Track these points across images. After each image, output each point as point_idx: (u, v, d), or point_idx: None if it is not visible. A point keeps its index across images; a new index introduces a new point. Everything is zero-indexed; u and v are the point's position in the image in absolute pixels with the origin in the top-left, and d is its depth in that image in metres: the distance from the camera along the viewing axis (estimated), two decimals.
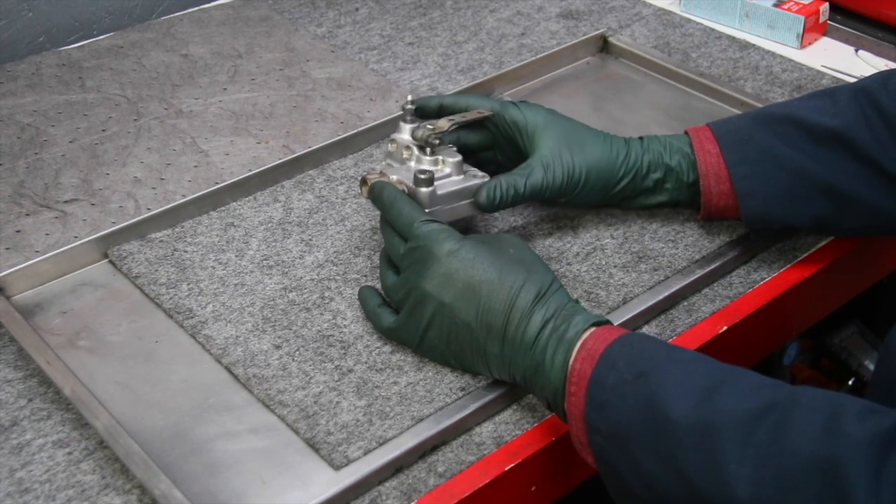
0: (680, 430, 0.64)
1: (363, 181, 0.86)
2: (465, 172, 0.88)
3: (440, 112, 0.92)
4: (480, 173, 0.89)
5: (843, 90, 0.89)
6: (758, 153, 0.88)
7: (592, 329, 0.73)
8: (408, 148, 0.88)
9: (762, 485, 0.60)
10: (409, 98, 0.91)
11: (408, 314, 0.79)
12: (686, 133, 0.92)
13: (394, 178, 0.85)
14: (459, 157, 0.88)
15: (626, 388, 0.68)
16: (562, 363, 0.72)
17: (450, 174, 0.87)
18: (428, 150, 0.87)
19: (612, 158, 0.90)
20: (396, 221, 0.81)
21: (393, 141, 0.89)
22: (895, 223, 0.88)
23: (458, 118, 0.89)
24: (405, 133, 0.88)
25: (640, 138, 0.92)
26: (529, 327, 0.74)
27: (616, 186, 0.91)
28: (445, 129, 0.87)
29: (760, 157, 0.88)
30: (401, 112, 0.91)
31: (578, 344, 0.72)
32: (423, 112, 0.92)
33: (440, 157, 0.87)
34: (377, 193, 0.84)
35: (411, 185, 0.85)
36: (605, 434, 0.69)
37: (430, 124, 0.87)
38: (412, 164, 0.87)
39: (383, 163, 0.89)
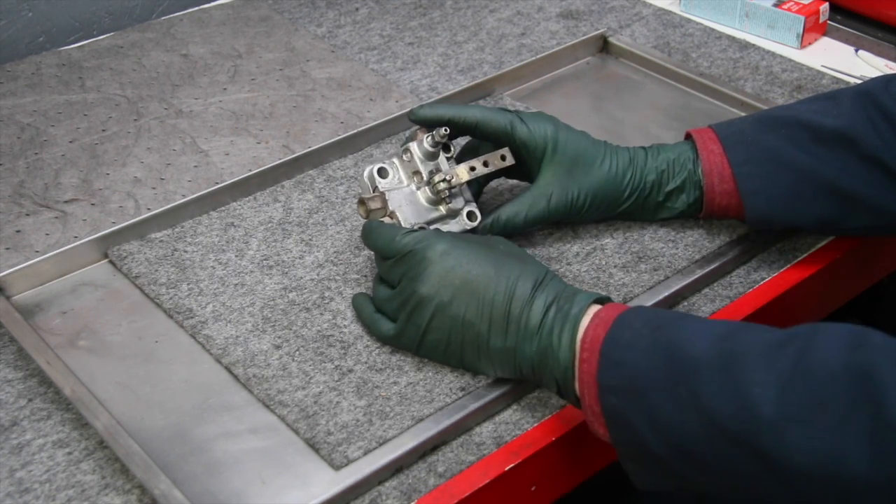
0: (701, 364, 0.64)
1: (361, 202, 0.84)
2: (460, 209, 0.87)
3: (442, 124, 0.88)
4: (476, 212, 0.88)
5: (844, 93, 0.89)
6: (762, 153, 0.88)
7: (597, 306, 0.74)
8: (417, 173, 0.86)
9: (788, 404, 0.60)
10: (444, 131, 0.85)
11: (405, 321, 0.79)
12: (689, 137, 0.92)
13: (391, 206, 0.84)
14: (460, 205, 0.87)
15: (642, 342, 0.68)
16: (569, 340, 0.73)
17: (444, 217, 0.87)
18: (435, 196, 0.86)
19: (618, 182, 0.90)
20: (377, 246, 0.81)
21: (408, 151, 0.87)
22: None
23: (480, 168, 0.86)
24: (420, 153, 0.86)
25: (646, 152, 0.91)
26: (533, 314, 0.74)
27: (619, 207, 0.91)
28: (464, 181, 0.86)
29: (764, 158, 0.88)
30: (431, 137, 0.86)
31: (586, 318, 0.73)
32: (424, 123, 0.89)
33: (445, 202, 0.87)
34: (363, 236, 0.84)
35: (398, 208, 0.84)
36: (619, 391, 0.68)
37: (448, 175, 0.85)
38: (413, 187, 0.86)
39: (393, 159, 0.88)
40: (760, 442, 0.61)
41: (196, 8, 1.34)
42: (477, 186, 0.92)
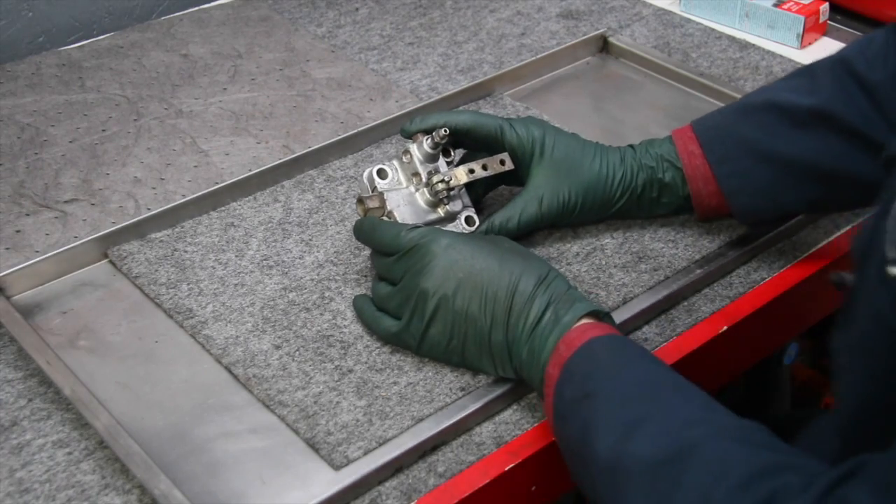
0: (598, 464, 0.66)
1: (359, 201, 0.85)
2: (458, 212, 0.87)
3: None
4: (474, 216, 0.88)
5: (822, 64, 0.88)
6: (740, 149, 0.88)
7: (582, 321, 0.74)
8: (416, 174, 0.86)
9: None
10: (444, 131, 0.85)
11: (409, 315, 0.79)
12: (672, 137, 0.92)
13: (389, 206, 0.85)
14: (459, 208, 0.87)
15: (575, 407, 0.70)
16: (553, 346, 0.73)
17: (442, 219, 0.87)
18: (433, 198, 0.86)
19: (609, 181, 0.90)
20: (381, 242, 0.82)
21: (407, 153, 0.87)
22: None
23: (479, 171, 0.86)
24: (420, 154, 0.86)
25: (635, 150, 0.92)
26: (532, 311, 0.75)
27: (613, 207, 0.91)
28: (462, 183, 0.86)
29: (743, 153, 0.88)
30: (430, 138, 0.86)
31: (571, 332, 0.73)
32: (421, 132, 0.88)
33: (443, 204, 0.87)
34: (357, 231, 0.84)
35: (396, 208, 0.85)
36: (561, 445, 0.72)
37: (447, 177, 0.85)
38: (412, 189, 0.86)
39: (393, 161, 0.88)
40: None
41: (196, 8, 1.34)
42: (476, 195, 0.92)
